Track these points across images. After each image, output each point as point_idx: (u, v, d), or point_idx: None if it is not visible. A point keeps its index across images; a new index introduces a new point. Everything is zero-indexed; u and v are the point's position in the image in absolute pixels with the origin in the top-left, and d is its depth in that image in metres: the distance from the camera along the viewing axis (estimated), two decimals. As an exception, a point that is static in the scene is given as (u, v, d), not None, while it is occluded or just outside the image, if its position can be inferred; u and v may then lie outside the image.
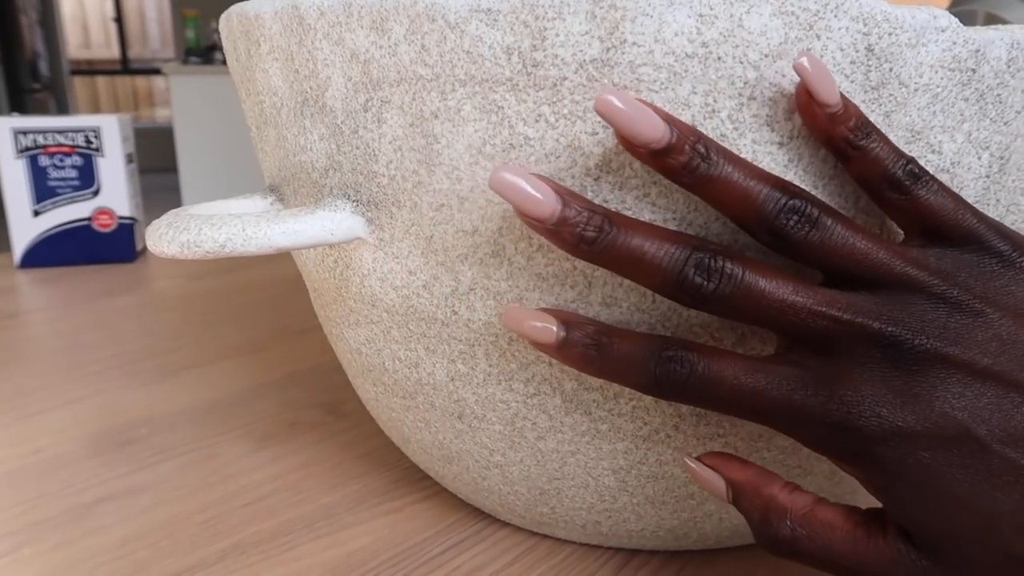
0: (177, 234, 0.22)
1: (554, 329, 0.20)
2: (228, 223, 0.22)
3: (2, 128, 0.65)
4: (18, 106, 4.77)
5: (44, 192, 0.67)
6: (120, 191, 0.68)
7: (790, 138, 0.19)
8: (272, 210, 0.23)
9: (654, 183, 0.20)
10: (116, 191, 0.68)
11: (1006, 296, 0.19)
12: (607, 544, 0.28)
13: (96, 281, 0.65)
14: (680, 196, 0.20)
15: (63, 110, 5.37)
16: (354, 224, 0.23)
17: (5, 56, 4.67)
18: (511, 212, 0.21)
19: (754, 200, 0.18)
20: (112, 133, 0.67)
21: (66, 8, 5.78)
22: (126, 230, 0.69)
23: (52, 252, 0.68)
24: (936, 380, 0.18)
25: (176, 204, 4.40)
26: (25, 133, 0.65)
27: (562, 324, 0.20)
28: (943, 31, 0.19)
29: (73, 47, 5.88)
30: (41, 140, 0.66)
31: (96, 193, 0.68)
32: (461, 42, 0.19)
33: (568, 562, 0.28)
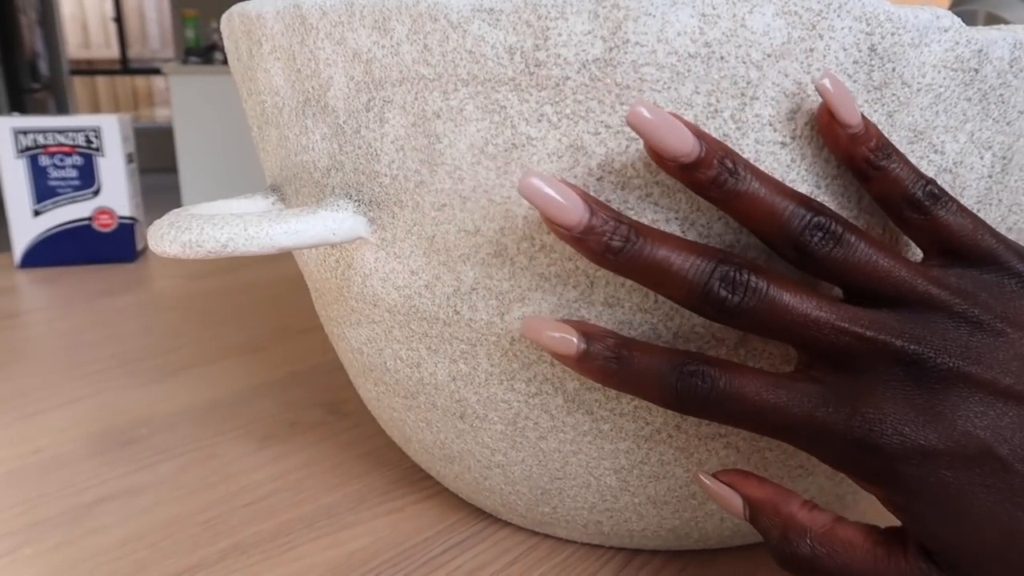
0: (179, 234, 0.22)
1: (574, 341, 0.20)
2: (230, 223, 0.22)
3: (2, 128, 0.65)
4: (18, 106, 4.76)
5: (44, 192, 0.67)
6: (120, 191, 0.68)
7: (792, 138, 0.19)
8: (274, 210, 0.23)
9: (656, 183, 0.20)
10: (116, 191, 0.68)
11: None
12: (609, 544, 0.28)
13: (96, 281, 0.65)
14: (683, 196, 0.20)
15: (63, 110, 5.37)
16: (356, 224, 0.23)
17: (5, 56, 4.67)
18: (512, 212, 0.21)
19: (779, 216, 0.19)
20: (112, 133, 0.67)
21: (66, 8, 5.78)
22: (126, 230, 0.69)
23: (52, 252, 0.68)
24: (958, 399, 0.18)
25: (176, 204, 4.40)
26: (25, 133, 0.65)
27: (582, 336, 0.20)
28: (946, 31, 0.19)
29: (73, 47, 5.88)
30: (41, 140, 0.66)
31: (96, 193, 0.68)
32: (463, 42, 0.19)
33: (569, 562, 0.28)
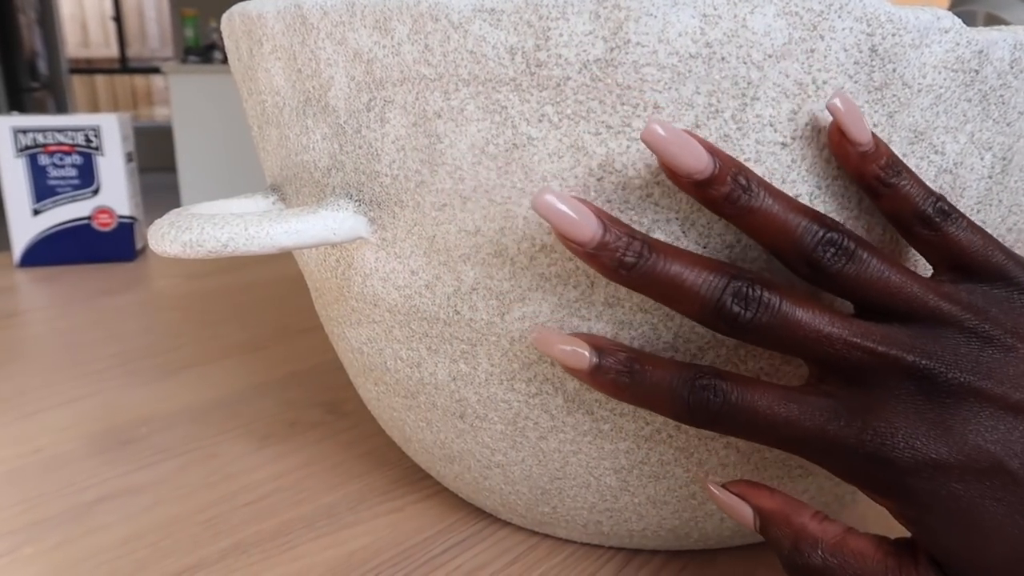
0: (179, 233, 0.22)
1: (586, 355, 0.20)
2: (230, 222, 0.22)
3: (2, 127, 0.65)
4: (17, 105, 4.76)
5: (44, 191, 0.67)
6: (120, 190, 0.68)
7: (793, 139, 0.19)
8: (274, 210, 0.23)
9: (657, 183, 0.20)
10: (116, 190, 0.68)
11: None
12: (608, 544, 0.28)
13: (96, 280, 0.65)
14: (683, 196, 0.20)
15: (62, 109, 5.37)
16: (356, 224, 0.23)
17: (4, 55, 4.67)
18: (513, 212, 0.21)
19: (792, 232, 0.19)
20: (112, 132, 0.67)
21: (65, 7, 5.77)
22: (126, 229, 0.69)
23: (52, 251, 0.68)
24: (969, 413, 0.18)
25: (175, 203, 4.40)
26: (25, 132, 0.65)
27: (594, 350, 0.20)
28: (947, 32, 0.19)
29: (72, 46, 5.88)
30: (41, 139, 0.66)
31: (96, 192, 0.68)
32: (464, 42, 0.19)
33: (569, 562, 0.28)
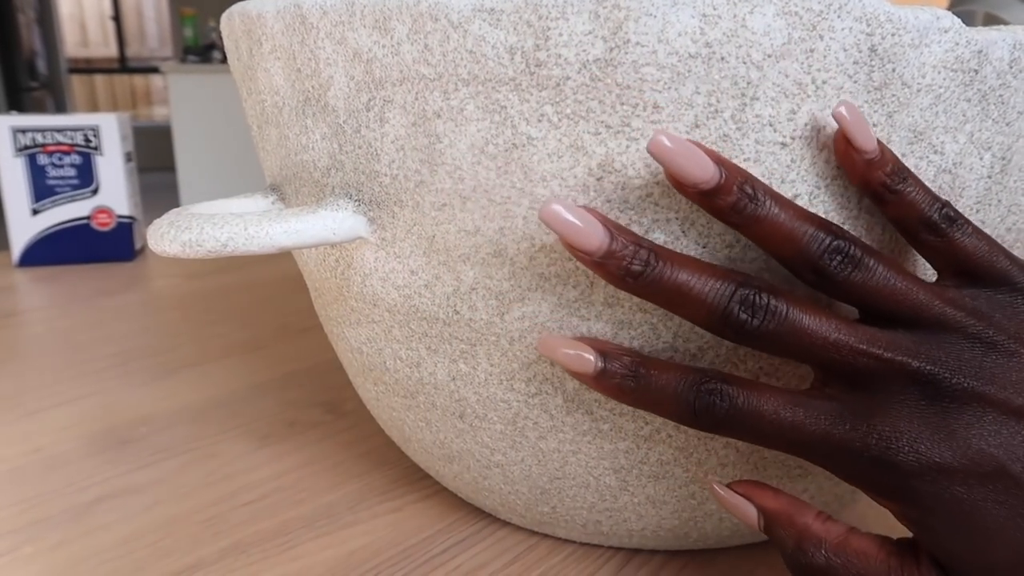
0: (179, 233, 0.22)
1: (591, 359, 0.20)
2: (230, 222, 0.22)
3: (1, 126, 0.65)
4: (15, 105, 4.76)
5: (43, 191, 0.67)
6: (119, 190, 0.68)
7: (792, 139, 0.19)
8: (274, 209, 0.23)
9: (656, 183, 0.20)
10: (115, 190, 0.68)
11: None
12: (608, 543, 0.28)
13: (95, 280, 0.65)
14: (683, 197, 0.20)
15: (61, 109, 5.36)
16: (356, 224, 0.23)
17: (3, 54, 4.66)
18: (512, 212, 0.21)
19: (799, 240, 0.19)
20: (111, 132, 0.67)
21: (64, 7, 5.77)
22: (125, 229, 0.69)
23: (51, 251, 0.68)
24: (972, 418, 0.19)
25: (174, 203, 4.40)
26: (24, 131, 0.65)
27: (599, 354, 0.21)
28: (946, 32, 0.19)
29: (71, 45, 5.87)
30: (40, 139, 0.66)
31: (95, 192, 0.68)
32: (464, 42, 0.19)
33: (568, 561, 0.28)
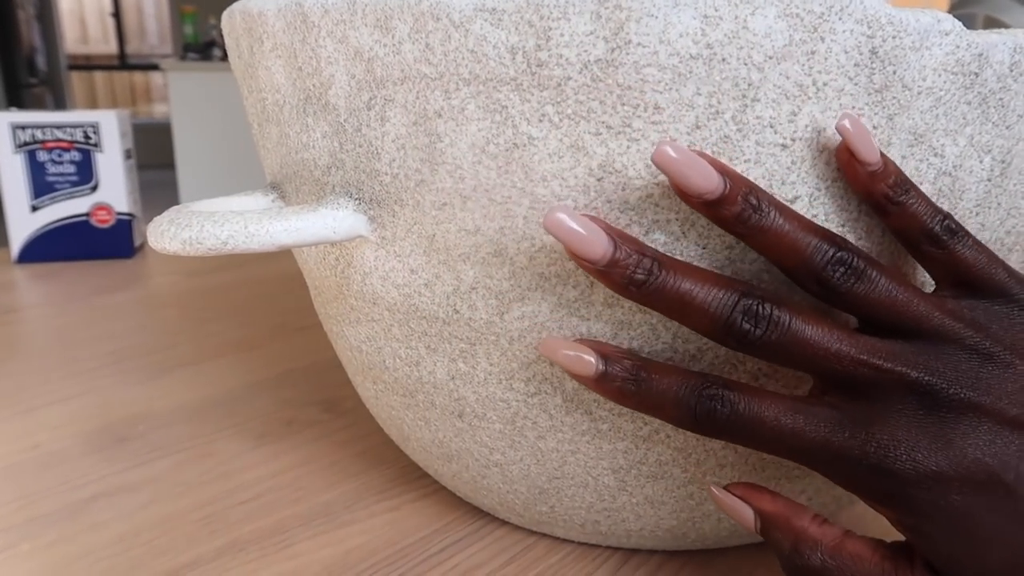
0: (179, 231, 0.22)
1: (593, 361, 0.21)
2: (230, 220, 0.22)
3: (1, 123, 0.65)
4: (15, 101, 4.75)
5: (42, 187, 0.66)
6: (118, 187, 0.68)
7: (793, 140, 0.19)
8: (274, 207, 0.23)
9: (657, 184, 0.20)
10: (114, 187, 0.68)
11: None
12: (606, 543, 0.28)
13: (94, 277, 0.65)
14: (683, 197, 0.20)
15: (60, 105, 5.36)
16: (356, 222, 0.23)
17: (2, 51, 4.66)
18: (512, 212, 0.21)
19: (802, 251, 0.19)
20: (111, 129, 0.67)
21: (64, 3, 5.77)
22: (124, 226, 0.69)
23: (50, 247, 0.68)
24: (968, 428, 0.19)
25: (173, 200, 4.39)
26: (24, 128, 0.65)
27: (601, 357, 0.21)
28: (947, 35, 0.19)
29: (71, 42, 5.87)
30: (40, 135, 0.66)
31: (94, 189, 0.67)
32: (465, 41, 0.19)
33: (566, 561, 0.28)
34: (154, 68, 5.90)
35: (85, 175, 0.67)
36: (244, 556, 0.28)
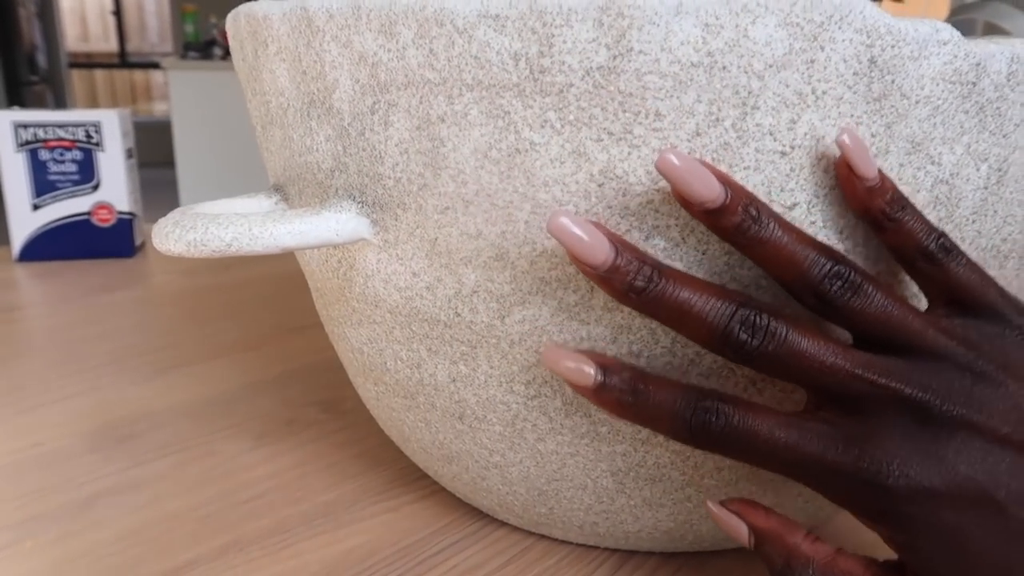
0: (184, 232, 0.22)
1: (591, 372, 0.21)
2: (234, 222, 0.22)
3: (3, 122, 0.65)
4: (15, 99, 4.75)
5: (44, 186, 0.67)
6: (120, 186, 0.68)
7: (792, 148, 0.20)
8: (277, 210, 0.23)
9: (657, 190, 0.20)
10: (116, 186, 0.68)
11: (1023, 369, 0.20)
12: (604, 545, 0.28)
13: (95, 276, 0.65)
14: (683, 203, 0.20)
15: (61, 103, 5.36)
16: (359, 225, 0.23)
17: (3, 49, 4.66)
18: (514, 216, 0.21)
19: (800, 264, 0.19)
20: (112, 128, 0.67)
21: (64, 1, 5.76)
22: (125, 225, 0.69)
23: (51, 246, 0.68)
24: (961, 445, 0.19)
25: (173, 199, 4.39)
26: (25, 127, 0.65)
27: (599, 368, 0.21)
28: (945, 44, 0.19)
29: (71, 40, 5.87)
30: (41, 134, 0.66)
31: (96, 188, 0.68)
32: (469, 47, 0.20)
33: (565, 562, 0.28)
34: (155, 66, 5.90)
35: (87, 174, 0.67)
36: (245, 555, 0.28)
